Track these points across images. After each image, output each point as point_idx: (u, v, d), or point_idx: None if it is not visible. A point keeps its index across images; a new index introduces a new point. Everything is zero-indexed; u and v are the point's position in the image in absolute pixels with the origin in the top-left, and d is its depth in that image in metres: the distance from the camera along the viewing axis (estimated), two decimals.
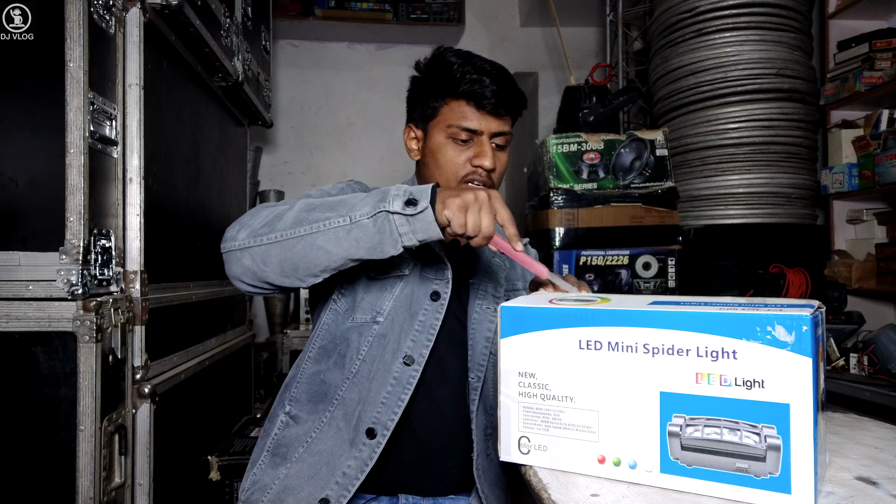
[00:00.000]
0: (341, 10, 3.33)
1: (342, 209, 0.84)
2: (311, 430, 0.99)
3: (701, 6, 2.38)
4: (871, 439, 0.79)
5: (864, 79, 2.37)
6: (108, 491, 1.14)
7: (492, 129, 1.02)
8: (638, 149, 2.08)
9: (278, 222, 0.87)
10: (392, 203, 0.81)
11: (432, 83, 1.06)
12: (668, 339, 0.59)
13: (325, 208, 0.85)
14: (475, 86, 1.00)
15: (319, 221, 0.84)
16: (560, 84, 3.63)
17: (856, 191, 2.41)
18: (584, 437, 0.65)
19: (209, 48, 1.63)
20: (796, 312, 0.54)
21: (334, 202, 0.86)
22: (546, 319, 0.67)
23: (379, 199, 0.82)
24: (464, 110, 1.02)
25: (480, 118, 1.01)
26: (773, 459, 0.55)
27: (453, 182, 1.04)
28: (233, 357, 2.08)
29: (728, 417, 0.57)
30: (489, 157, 1.01)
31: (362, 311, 1.02)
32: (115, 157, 1.23)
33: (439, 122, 1.05)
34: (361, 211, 0.82)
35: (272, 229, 0.86)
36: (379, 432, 0.95)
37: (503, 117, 1.04)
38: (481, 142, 1.02)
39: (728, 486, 0.57)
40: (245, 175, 2.39)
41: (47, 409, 1.08)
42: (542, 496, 0.63)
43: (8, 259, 1.07)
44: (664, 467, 0.60)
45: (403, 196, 0.81)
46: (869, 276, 2.35)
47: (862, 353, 1.80)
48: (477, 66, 1.02)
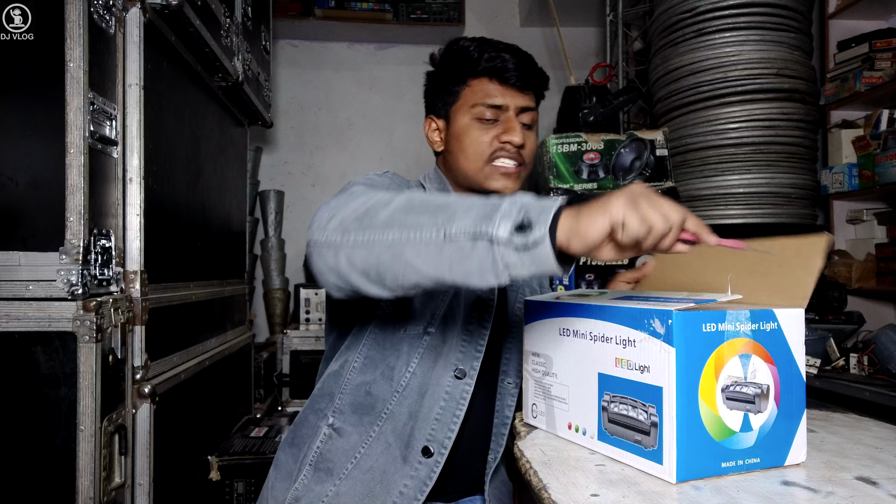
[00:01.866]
0: (341, 10, 3.32)
1: (439, 216, 0.63)
2: (358, 444, 0.94)
3: (701, 6, 2.38)
4: (871, 439, 0.79)
5: (864, 79, 2.37)
6: (108, 491, 1.14)
7: (518, 103, 0.99)
8: (638, 149, 2.08)
9: (370, 218, 0.68)
10: (499, 225, 0.59)
11: (450, 70, 1.03)
12: (601, 329, 0.72)
13: (423, 209, 0.66)
14: (496, 61, 0.98)
15: (411, 228, 0.64)
16: (560, 84, 3.62)
17: (856, 191, 2.41)
18: (561, 406, 0.79)
19: (209, 48, 1.63)
20: (669, 307, 0.63)
21: (436, 204, 0.66)
22: (545, 310, 0.82)
23: (484, 215, 0.60)
24: (487, 87, 0.99)
25: (505, 92, 0.99)
26: (654, 434, 0.64)
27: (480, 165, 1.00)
28: (233, 357, 2.08)
29: (632, 397, 0.67)
30: (518, 132, 0.98)
31: (415, 321, 0.96)
32: (115, 157, 1.23)
33: (462, 104, 1.02)
34: (459, 225, 0.61)
35: (361, 224, 0.68)
36: (436, 451, 0.92)
37: (527, 92, 1.01)
38: (508, 118, 0.99)
39: (631, 454, 0.68)
40: (245, 175, 2.39)
41: (47, 409, 1.08)
42: (543, 496, 0.63)
43: (8, 259, 1.07)
44: (600, 436, 0.72)
45: (515, 216, 0.59)
46: (869, 276, 2.35)
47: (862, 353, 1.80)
48: (494, 45, 1.00)
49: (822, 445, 0.77)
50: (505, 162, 1.00)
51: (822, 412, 0.95)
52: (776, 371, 0.67)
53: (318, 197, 3.57)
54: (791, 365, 0.68)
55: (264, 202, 3.25)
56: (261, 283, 3.26)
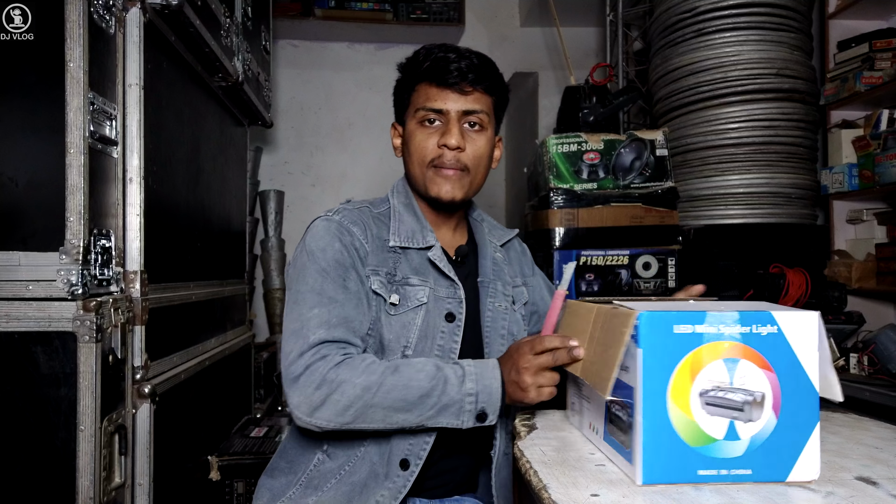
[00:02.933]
0: (341, 10, 3.33)
1: (419, 417, 0.88)
2: (344, 464, 0.97)
3: (701, 6, 2.38)
4: (871, 439, 0.79)
5: (864, 79, 2.37)
6: (108, 491, 1.14)
7: (458, 107, 0.99)
8: (638, 149, 2.08)
9: (359, 415, 0.87)
10: (465, 421, 0.88)
11: (404, 75, 1.05)
12: None
13: (404, 417, 0.88)
14: (438, 63, 0.98)
15: (394, 425, 0.89)
16: (560, 84, 3.62)
17: (856, 191, 2.40)
18: (587, 406, 0.80)
19: (209, 48, 1.63)
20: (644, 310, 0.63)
21: (407, 402, 0.87)
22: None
23: (454, 416, 0.88)
24: (428, 91, 1.00)
25: (446, 96, 0.99)
26: (630, 434, 0.65)
27: (423, 169, 1.02)
28: (233, 357, 2.08)
29: (620, 397, 0.68)
30: (454, 135, 0.98)
31: (391, 350, 0.98)
32: (115, 157, 1.23)
33: (410, 109, 1.03)
34: (434, 422, 0.88)
35: (356, 419, 0.88)
36: (412, 462, 0.94)
37: (471, 94, 1.00)
38: (447, 120, 1.00)
39: (617, 454, 0.69)
40: (245, 175, 2.39)
41: (47, 409, 1.08)
42: (543, 496, 0.63)
43: (8, 259, 1.07)
44: (604, 435, 0.73)
45: (474, 410, 0.87)
46: (869, 276, 2.35)
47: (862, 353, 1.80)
48: (445, 48, 1.00)
49: (822, 445, 0.77)
50: (443, 170, 1.01)
51: (822, 412, 0.95)
52: (775, 378, 0.63)
53: (318, 197, 3.57)
54: (797, 373, 0.63)
55: (264, 202, 3.25)
56: (261, 283, 3.27)
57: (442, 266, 1.02)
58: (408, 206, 1.08)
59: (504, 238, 1.20)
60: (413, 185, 1.09)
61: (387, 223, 1.06)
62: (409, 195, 1.10)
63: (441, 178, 1.02)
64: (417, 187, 1.07)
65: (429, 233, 1.05)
